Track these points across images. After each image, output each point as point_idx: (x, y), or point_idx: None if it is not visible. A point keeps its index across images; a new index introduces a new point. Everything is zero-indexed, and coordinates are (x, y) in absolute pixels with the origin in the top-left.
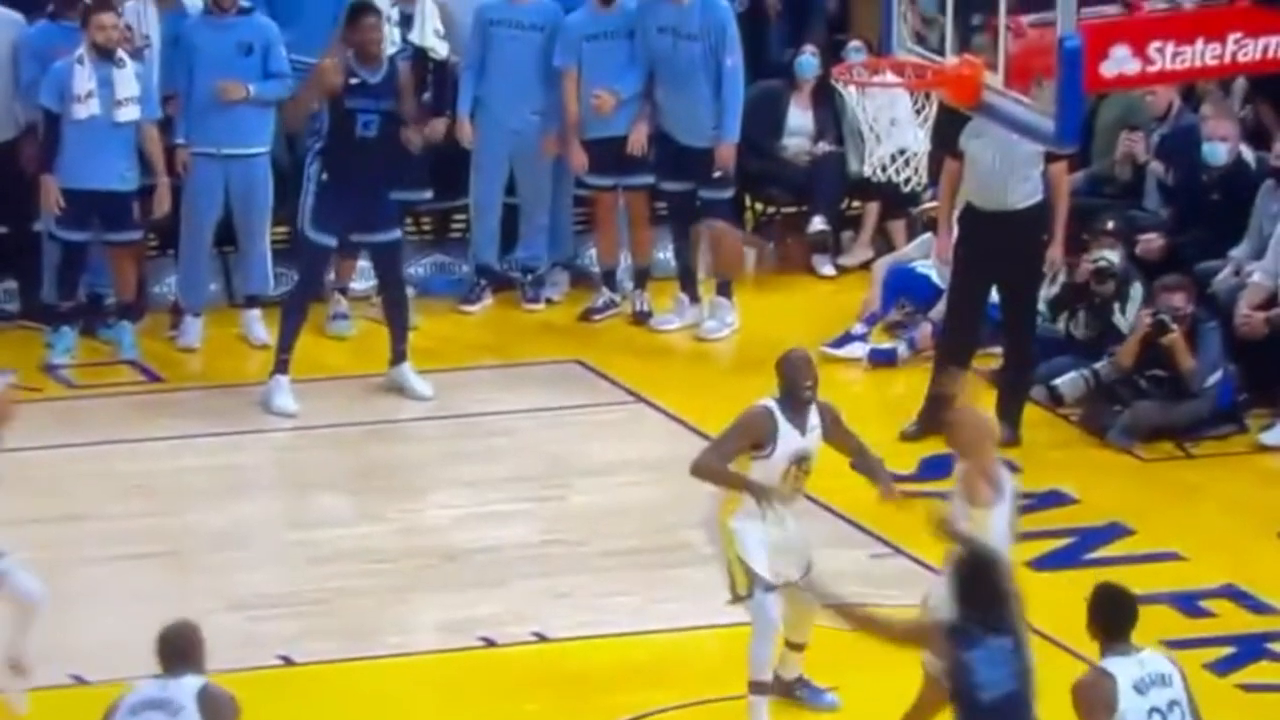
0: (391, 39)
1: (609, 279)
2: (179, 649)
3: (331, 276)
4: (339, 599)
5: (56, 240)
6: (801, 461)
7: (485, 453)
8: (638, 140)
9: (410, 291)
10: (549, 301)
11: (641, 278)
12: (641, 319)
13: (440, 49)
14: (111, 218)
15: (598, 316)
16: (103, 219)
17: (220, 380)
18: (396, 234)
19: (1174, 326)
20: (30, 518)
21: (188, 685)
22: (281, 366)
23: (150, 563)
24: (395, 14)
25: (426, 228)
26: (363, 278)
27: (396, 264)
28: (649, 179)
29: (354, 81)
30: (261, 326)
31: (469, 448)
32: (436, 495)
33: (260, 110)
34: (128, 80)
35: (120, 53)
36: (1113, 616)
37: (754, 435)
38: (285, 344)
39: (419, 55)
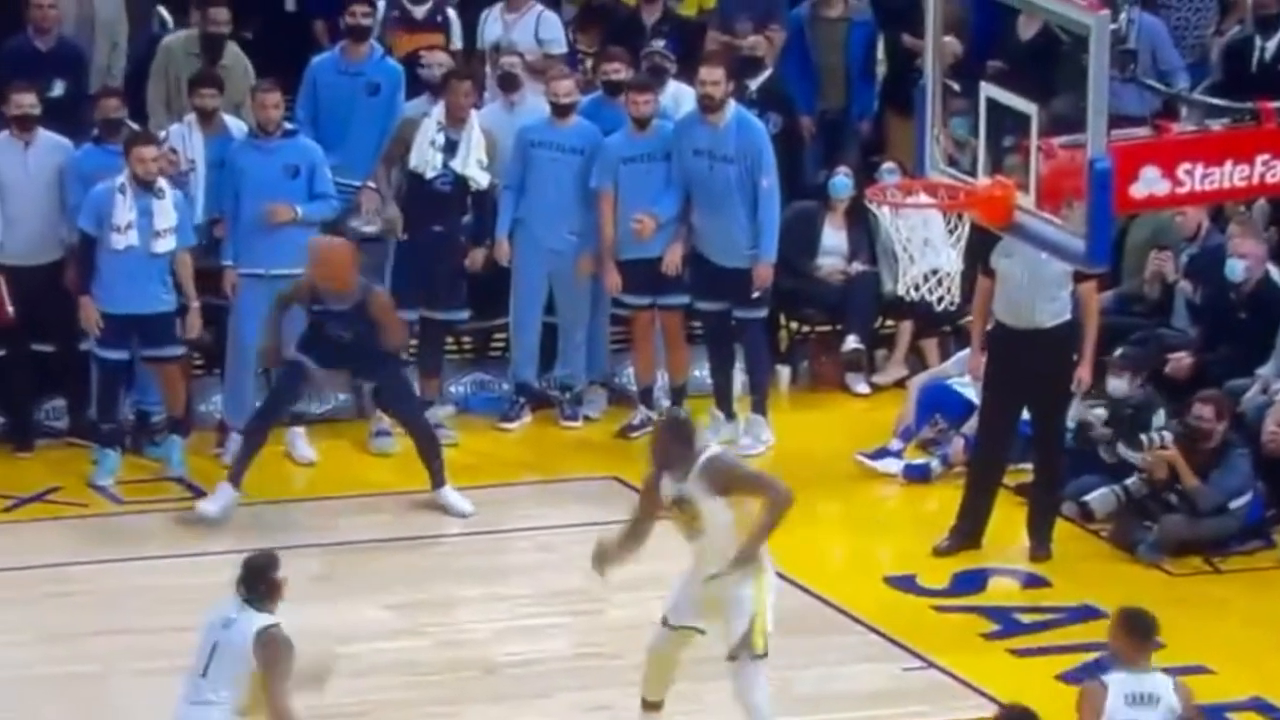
0: (434, 164)
1: (646, 397)
2: (257, 580)
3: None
4: (379, 711)
5: (96, 358)
6: (681, 504)
7: (524, 567)
8: (673, 261)
9: (450, 409)
10: (587, 419)
11: (678, 395)
12: None
13: (480, 179)
14: (151, 336)
15: (635, 434)
16: (143, 337)
17: (264, 496)
18: (381, 375)
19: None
20: (75, 631)
21: (256, 619)
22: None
23: None
24: (441, 139)
25: (467, 346)
26: None
27: (397, 399)
28: (684, 299)
29: (317, 309)
30: (305, 444)
31: (508, 562)
32: (476, 609)
33: (306, 231)
34: (166, 211)
35: (161, 183)
36: (1126, 633)
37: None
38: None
39: (459, 182)
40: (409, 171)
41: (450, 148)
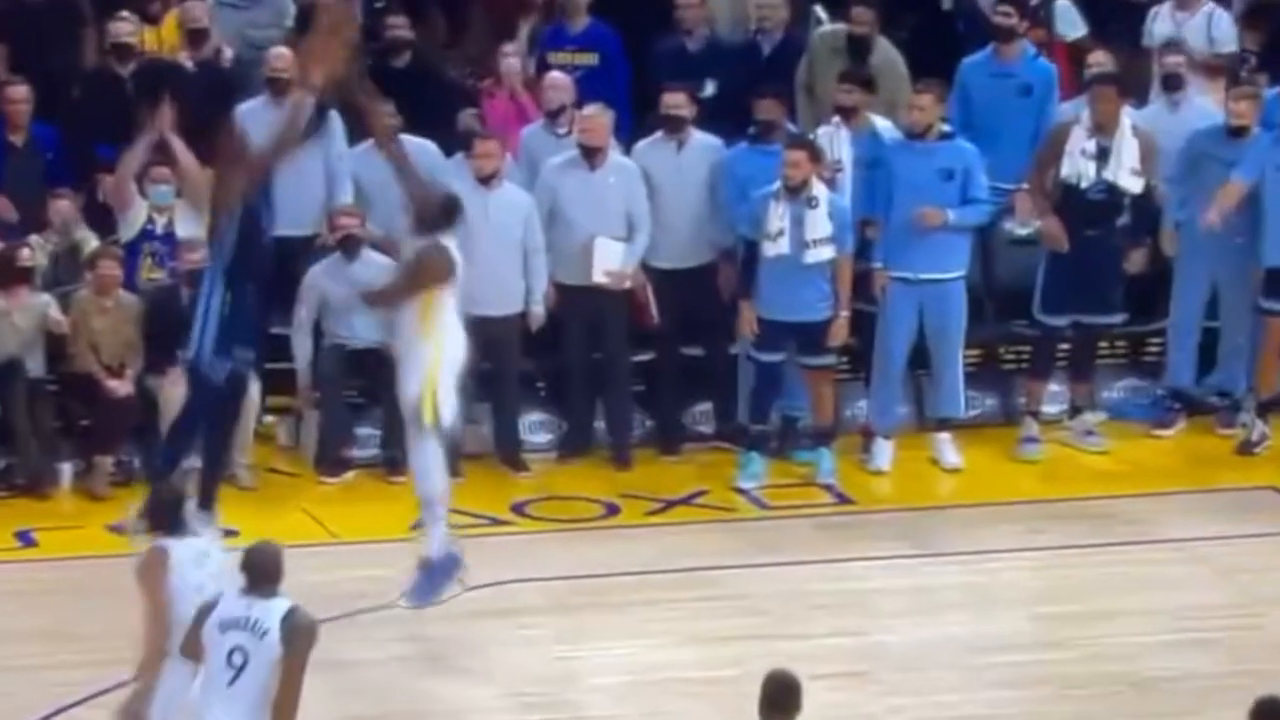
0: (1086, 173)
1: (1264, 409)
2: (268, 570)
3: (1024, 400)
4: None
5: (752, 362)
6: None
7: (1175, 579)
8: None
9: (1102, 415)
10: (1244, 426)
11: None
12: None
13: (1133, 186)
14: (807, 343)
15: (1255, 450)
16: (799, 344)
17: (909, 503)
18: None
19: None
20: (719, 635)
21: (275, 607)
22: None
23: (838, 681)
24: (1092, 147)
25: (1121, 350)
26: (1055, 401)
27: None
28: None
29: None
30: (953, 450)
31: (1158, 574)
32: (1125, 622)
33: (958, 236)
34: (819, 221)
35: (816, 191)
36: None
37: None
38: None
39: (1112, 190)
40: (1061, 180)
41: (1102, 155)
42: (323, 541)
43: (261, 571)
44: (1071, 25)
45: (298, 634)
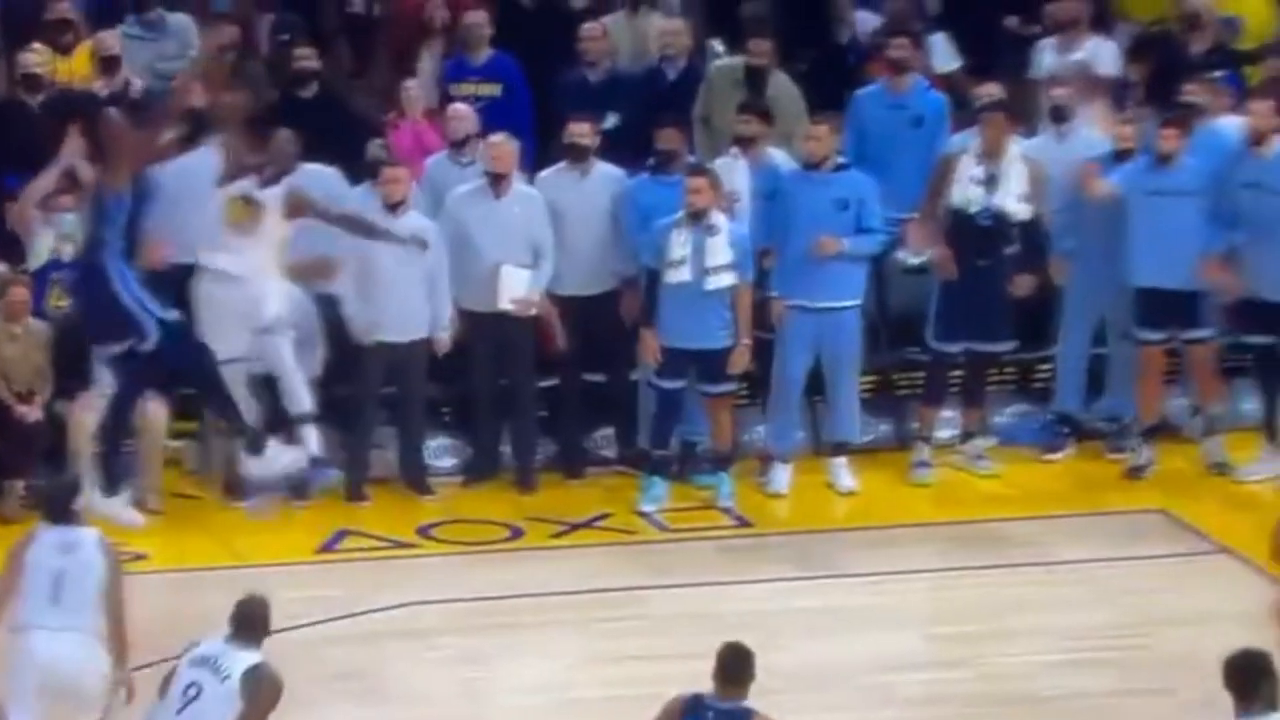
0: (975, 200)
1: (1150, 434)
2: (251, 622)
3: (917, 425)
4: None
5: (653, 388)
6: (250, 201)
7: (1066, 600)
8: (1226, 288)
9: (992, 440)
10: (1132, 451)
11: (1212, 426)
12: (1221, 470)
13: (1021, 212)
14: (707, 370)
15: (1141, 474)
16: (700, 371)
17: (807, 526)
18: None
19: None
20: (622, 655)
21: (245, 658)
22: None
23: None
24: (980, 173)
25: (1010, 376)
26: (947, 426)
27: None
28: (1209, 331)
29: None
30: (848, 474)
31: (1050, 595)
32: (1017, 641)
33: (853, 264)
34: (719, 248)
35: (715, 219)
36: (1244, 679)
37: None
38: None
39: (1000, 217)
40: (951, 208)
41: (990, 181)
42: (229, 565)
43: (244, 622)
44: (945, 58)
45: (259, 687)
